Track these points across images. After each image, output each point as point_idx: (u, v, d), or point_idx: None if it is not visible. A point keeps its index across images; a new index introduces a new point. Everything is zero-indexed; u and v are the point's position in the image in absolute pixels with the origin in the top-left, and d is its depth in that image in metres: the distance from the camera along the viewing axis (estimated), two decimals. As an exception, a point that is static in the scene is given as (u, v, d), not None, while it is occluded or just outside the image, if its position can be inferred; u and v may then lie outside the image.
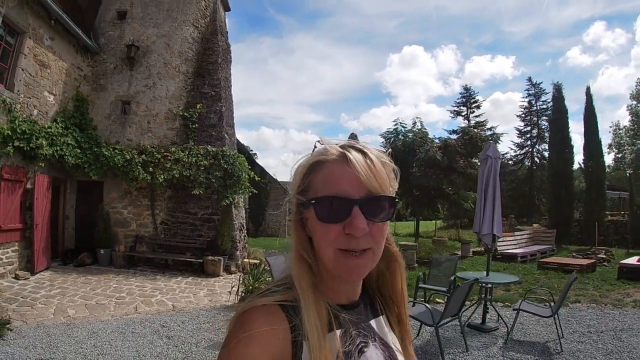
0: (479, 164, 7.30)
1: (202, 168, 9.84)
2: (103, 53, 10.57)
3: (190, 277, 9.05)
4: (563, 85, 22.18)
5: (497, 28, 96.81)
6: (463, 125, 34.25)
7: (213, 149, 10.09)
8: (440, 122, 62.62)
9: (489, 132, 34.10)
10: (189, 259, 9.58)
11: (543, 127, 31.66)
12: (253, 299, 0.70)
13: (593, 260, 11.33)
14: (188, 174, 9.77)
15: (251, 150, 64.10)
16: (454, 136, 32.45)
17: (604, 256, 12.64)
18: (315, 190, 0.70)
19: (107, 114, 10.36)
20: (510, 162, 32.81)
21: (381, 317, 0.84)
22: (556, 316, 5.10)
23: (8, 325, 4.83)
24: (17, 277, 7.53)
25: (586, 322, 6.08)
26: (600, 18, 79.87)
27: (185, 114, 10.55)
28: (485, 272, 6.26)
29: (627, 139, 29.62)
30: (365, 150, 0.71)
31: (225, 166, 9.91)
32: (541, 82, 33.12)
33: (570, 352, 4.79)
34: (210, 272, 9.29)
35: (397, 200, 0.72)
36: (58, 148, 8.95)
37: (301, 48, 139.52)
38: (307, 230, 0.73)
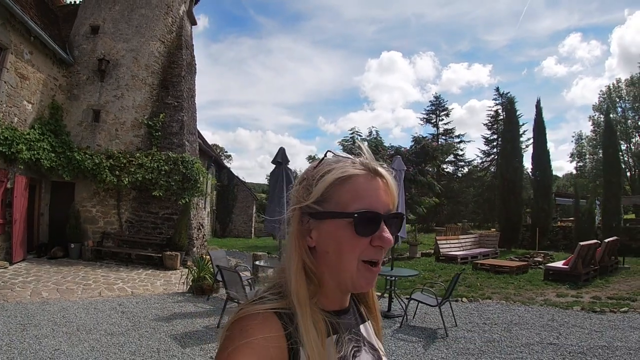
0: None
1: (163, 172, 11.54)
2: (77, 65, 12.15)
3: (150, 270, 10.73)
4: (515, 98, 24.23)
5: (475, 36, 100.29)
6: (432, 131, 36.60)
7: (173, 155, 11.80)
8: (416, 127, 65.67)
9: (457, 140, 36.62)
10: (150, 254, 11.25)
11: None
12: (247, 305, 0.73)
13: (525, 263, 12.61)
14: (150, 177, 11.47)
15: (226, 152, 65.24)
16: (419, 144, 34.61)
17: (540, 259, 14.03)
18: (341, 203, 0.74)
19: (79, 121, 11.97)
20: (477, 168, 35.21)
21: (367, 322, 0.91)
22: (444, 306, 6.36)
23: (-5, 300, 6.51)
24: (-3, 266, 9.16)
25: (487, 315, 7.09)
26: (576, 30, 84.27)
27: (150, 122, 12.22)
28: (390, 268, 8.05)
29: (590, 148, 32.09)
30: (385, 170, 0.79)
31: (184, 171, 11.64)
32: (508, 92, 35.58)
33: (454, 338, 5.76)
34: (168, 266, 10.97)
35: (404, 216, 0.93)
36: (35, 152, 10.52)
37: (281, 50, 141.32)
38: (308, 240, 0.77)
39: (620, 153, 32.45)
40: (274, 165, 7.89)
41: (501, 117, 35.13)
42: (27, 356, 4.54)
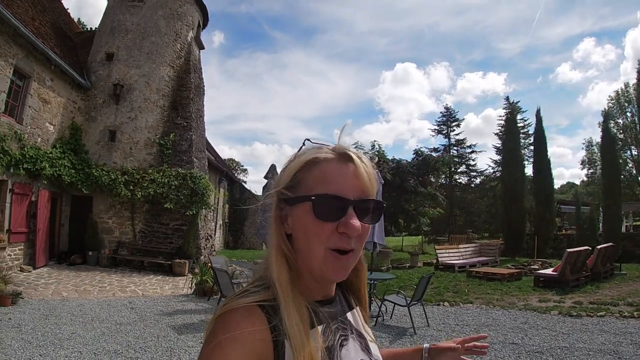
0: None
1: (173, 187, 12.73)
2: (94, 89, 13.53)
3: (161, 276, 11.84)
4: (522, 108, 24.88)
5: (488, 45, 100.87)
6: (444, 142, 37.37)
7: (183, 171, 13.00)
8: (432, 139, 66.71)
9: (468, 150, 37.28)
10: (160, 261, 12.39)
11: (521, 144, 34.60)
12: (231, 299, 0.73)
13: (519, 270, 13.04)
14: (161, 192, 12.67)
15: (242, 166, 66.93)
16: (434, 154, 35.53)
17: (537, 267, 14.33)
18: (308, 187, 0.74)
19: (97, 140, 13.30)
20: (489, 178, 35.74)
21: (355, 309, 0.92)
22: (419, 308, 7.19)
23: (20, 296, 7.69)
24: (22, 270, 10.35)
25: (462, 317, 7.56)
26: (589, 34, 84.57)
27: (161, 141, 13.50)
28: (370, 272, 8.98)
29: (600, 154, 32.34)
30: (360, 155, 0.78)
31: (192, 185, 12.81)
32: (519, 101, 36.13)
33: (422, 336, 6.29)
34: (177, 272, 12.07)
35: (384, 205, 0.80)
36: (57, 169, 11.82)
37: (295, 64, 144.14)
38: (286, 227, 0.78)
39: (632, 158, 32.65)
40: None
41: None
42: (48, 337, 5.63)
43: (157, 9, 14.33)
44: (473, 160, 37.01)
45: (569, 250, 11.02)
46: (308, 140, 0.82)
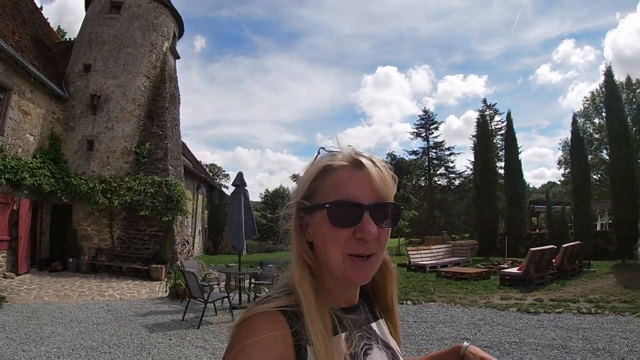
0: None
1: (149, 194, 13.50)
2: (72, 100, 14.22)
3: (139, 280, 12.57)
4: (497, 110, 25.89)
5: (469, 48, 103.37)
6: (423, 145, 38.61)
7: (158, 179, 13.77)
8: (414, 141, 68.71)
9: (447, 152, 38.57)
10: (138, 267, 13.12)
11: (499, 145, 35.93)
12: (254, 305, 0.75)
13: (487, 270, 13.58)
14: (138, 199, 13.44)
15: (224, 171, 67.41)
16: (413, 156, 36.64)
17: (507, 266, 14.77)
18: (324, 195, 0.77)
19: (75, 150, 14.00)
20: (467, 179, 36.98)
21: (380, 320, 0.93)
22: None
23: (5, 300, 8.43)
24: (5, 277, 11.02)
25: (422, 315, 7.96)
26: (569, 36, 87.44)
27: (137, 150, 14.25)
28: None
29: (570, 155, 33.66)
30: (374, 159, 0.79)
31: (167, 193, 13.59)
32: (495, 103, 37.73)
33: None
34: (154, 277, 12.81)
35: (402, 207, 0.81)
36: (37, 178, 12.47)
37: (277, 68, 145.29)
38: (307, 235, 0.80)
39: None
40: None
41: (490, 127, 37.04)
42: (30, 335, 6.39)
43: (133, 20, 15.09)
44: (452, 162, 38.32)
45: (532, 249, 11.60)
46: (323, 148, 0.84)
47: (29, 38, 13.88)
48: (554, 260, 12.36)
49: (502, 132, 35.99)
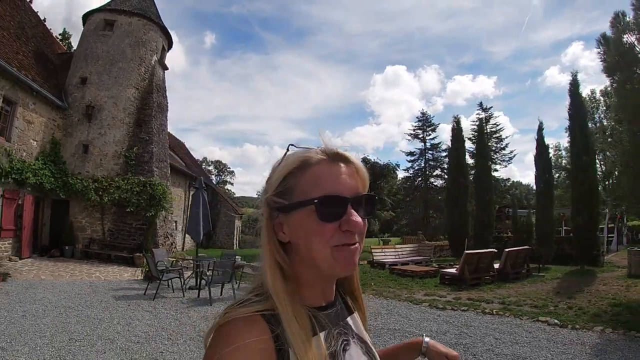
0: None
1: (135, 192, 16.23)
2: (70, 109, 17.01)
3: (123, 266, 15.28)
4: (460, 117, 27.76)
5: (478, 48, 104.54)
6: (420, 147, 40.87)
7: (143, 179, 16.50)
8: (427, 141, 71.33)
9: (444, 154, 40.75)
10: (124, 255, 15.87)
11: (493, 148, 38.05)
12: (231, 309, 0.76)
13: (436, 269, 15.00)
14: (125, 197, 16.18)
15: (229, 168, 70.38)
16: (410, 157, 38.86)
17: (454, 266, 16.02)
18: (303, 191, 0.78)
19: (72, 153, 16.80)
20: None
21: (354, 313, 0.98)
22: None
23: (9, 276, 11.22)
24: (10, 260, 13.84)
25: None
26: (578, 38, 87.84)
27: (126, 154, 17.00)
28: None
29: (568, 158, 35.34)
30: (348, 154, 0.83)
31: (151, 191, 16.32)
32: (491, 107, 39.82)
33: None
34: (137, 264, 15.44)
35: (377, 198, 1.15)
36: (39, 178, 15.26)
37: (286, 65, 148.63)
38: (280, 235, 0.82)
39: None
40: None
41: (485, 131, 39.10)
42: (27, 299, 9.07)
43: (124, 37, 17.82)
44: (447, 163, 40.52)
45: (467, 252, 12.77)
46: (292, 145, 0.85)
47: (32, 54, 16.67)
48: (497, 264, 13.44)
49: (497, 135, 38.25)
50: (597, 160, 26.73)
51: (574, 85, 20.79)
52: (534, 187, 23.22)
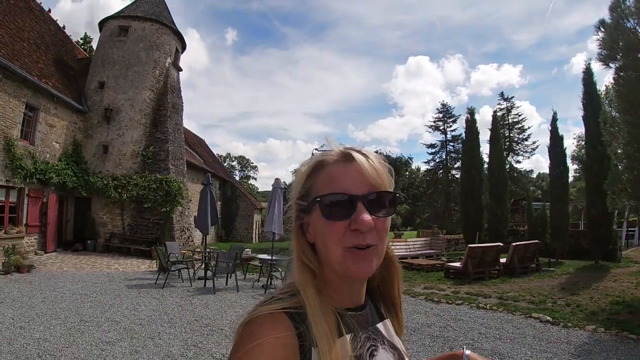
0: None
1: (152, 189, 17.34)
2: (90, 112, 18.21)
3: (141, 259, 16.42)
4: (476, 109, 27.82)
5: (502, 37, 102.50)
6: (441, 138, 41.07)
7: (160, 177, 17.59)
8: (448, 132, 71.09)
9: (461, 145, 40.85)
10: (143, 248, 17.01)
11: (516, 139, 38.02)
12: (258, 307, 0.78)
13: (442, 262, 15.07)
14: (143, 193, 17.31)
15: (252, 163, 71.79)
16: (430, 150, 39.20)
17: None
18: (317, 191, 0.81)
19: (93, 153, 18.02)
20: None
21: (387, 320, 0.97)
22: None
23: (34, 267, 12.41)
24: (36, 254, 15.09)
25: None
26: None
27: (144, 153, 18.13)
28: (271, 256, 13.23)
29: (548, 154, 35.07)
30: (365, 152, 0.83)
31: (167, 188, 17.40)
32: (512, 97, 39.57)
33: None
34: (154, 257, 16.60)
35: (397, 195, 0.83)
36: (62, 177, 16.50)
37: (307, 59, 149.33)
38: (308, 236, 0.84)
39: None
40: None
41: (506, 122, 39.10)
42: (48, 287, 10.15)
43: (139, 42, 18.93)
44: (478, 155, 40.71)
45: (470, 245, 12.88)
46: (316, 149, 0.88)
47: (52, 62, 17.87)
48: (504, 259, 13.46)
49: (520, 126, 38.15)
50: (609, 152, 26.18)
51: (588, 74, 20.67)
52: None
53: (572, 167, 39.23)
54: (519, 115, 38.19)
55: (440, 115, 42.11)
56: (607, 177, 16.73)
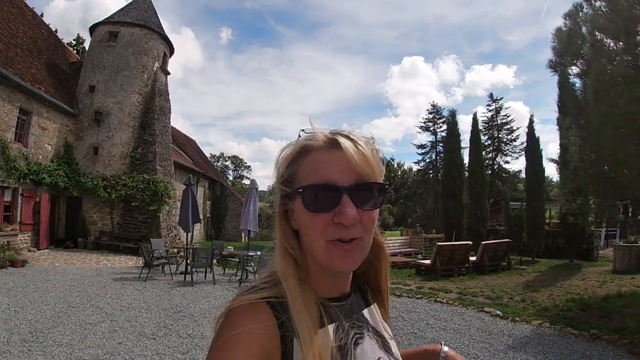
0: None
1: (140, 189, 18.48)
2: (81, 115, 19.32)
3: (129, 256, 17.56)
4: (467, 111, 28.81)
5: (496, 37, 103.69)
6: (431, 139, 42.22)
7: (147, 177, 18.72)
8: (438, 133, 72.33)
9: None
10: (131, 245, 18.13)
11: (504, 140, 39.20)
12: (239, 296, 0.78)
13: (414, 260, 16.18)
14: (131, 193, 18.45)
15: (245, 163, 72.72)
16: (420, 150, 40.25)
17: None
18: (301, 179, 0.78)
19: (84, 154, 19.14)
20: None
21: (372, 305, 0.97)
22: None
23: (27, 262, 13.55)
24: (29, 250, 16.20)
25: None
26: None
27: (132, 154, 19.26)
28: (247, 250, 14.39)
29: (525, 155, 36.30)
30: (353, 137, 0.78)
31: (154, 188, 18.54)
32: (501, 98, 40.75)
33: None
34: (140, 254, 17.79)
35: (386, 186, 0.80)
36: (54, 178, 17.59)
37: (302, 59, 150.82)
38: (292, 223, 0.82)
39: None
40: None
41: (495, 123, 40.29)
42: (40, 279, 11.29)
43: (127, 47, 20.05)
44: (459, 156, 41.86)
45: (439, 244, 13.73)
46: (302, 130, 0.83)
47: (45, 66, 18.96)
48: (475, 256, 14.19)
49: (509, 127, 39.29)
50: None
51: (563, 77, 21.54)
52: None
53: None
54: (508, 117, 39.39)
55: (431, 116, 43.36)
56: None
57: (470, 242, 14.68)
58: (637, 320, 7.14)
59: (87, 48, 24.14)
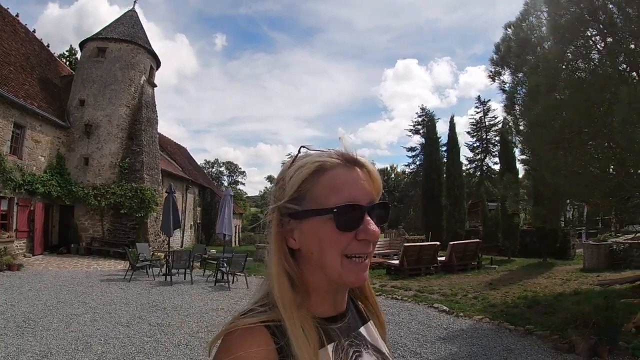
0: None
1: (128, 197, 20.01)
2: (72, 128, 20.84)
3: (119, 260, 19.02)
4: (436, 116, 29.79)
5: (489, 39, 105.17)
6: (421, 141, 43.64)
7: (135, 186, 20.24)
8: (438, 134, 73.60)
9: (443, 148, 43.39)
10: (120, 251, 19.58)
11: (493, 141, 40.66)
12: (235, 319, 0.78)
13: (385, 260, 16.93)
14: (120, 201, 19.97)
15: (240, 169, 74.17)
16: (410, 153, 41.62)
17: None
18: (318, 197, 0.78)
19: (75, 165, 20.67)
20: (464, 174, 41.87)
21: (369, 322, 0.98)
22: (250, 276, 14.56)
23: (23, 267, 15.08)
24: (24, 256, 17.68)
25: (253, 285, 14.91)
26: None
27: (121, 164, 20.80)
28: (222, 252, 15.90)
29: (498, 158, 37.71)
30: (362, 159, 0.83)
31: (141, 196, 20.08)
32: (489, 100, 42.16)
33: (241, 295, 13.07)
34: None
35: (390, 206, 0.84)
36: (47, 187, 19.06)
37: (296, 64, 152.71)
38: (290, 242, 0.82)
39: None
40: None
41: (483, 124, 41.79)
42: (35, 281, 12.77)
43: (115, 62, 21.61)
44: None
45: (406, 244, 14.62)
46: (304, 147, 0.85)
47: (37, 82, 20.47)
48: (443, 256, 14.94)
49: (495, 128, 40.79)
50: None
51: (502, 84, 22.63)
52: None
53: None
54: (495, 118, 40.81)
55: (420, 119, 44.76)
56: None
57: (438, 243, 15.60)
58: (570, 316, 7.39)
59: (79, 57, 25.68)
